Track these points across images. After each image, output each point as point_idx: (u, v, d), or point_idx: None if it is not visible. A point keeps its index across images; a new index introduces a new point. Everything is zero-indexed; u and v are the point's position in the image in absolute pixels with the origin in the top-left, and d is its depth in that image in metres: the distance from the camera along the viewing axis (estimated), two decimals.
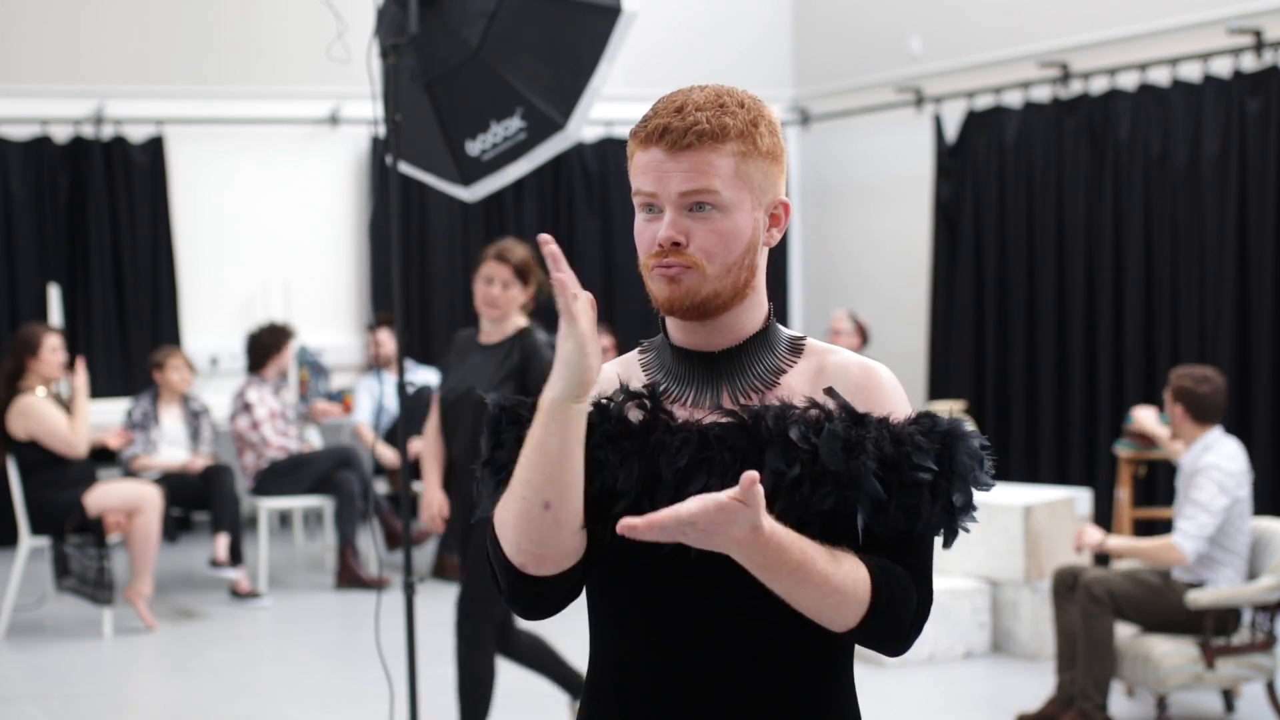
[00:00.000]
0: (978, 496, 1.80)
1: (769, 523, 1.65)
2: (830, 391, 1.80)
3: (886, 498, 1.73)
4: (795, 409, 1.78)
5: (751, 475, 1.60)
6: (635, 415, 1.83)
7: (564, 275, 1.69)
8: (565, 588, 1.83)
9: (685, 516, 1.61)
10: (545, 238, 1.70)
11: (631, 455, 1.80)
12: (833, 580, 1.69)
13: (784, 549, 1.66)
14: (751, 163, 1.81)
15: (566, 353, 1.70)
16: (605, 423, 1.82)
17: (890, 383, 1.83)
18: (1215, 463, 5.10)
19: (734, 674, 1.80)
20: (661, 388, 1.86)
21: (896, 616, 1.74)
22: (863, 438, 1.74)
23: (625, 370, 1.91)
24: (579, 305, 1.70)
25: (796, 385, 1.82)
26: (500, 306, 4.58)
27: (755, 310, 1.86)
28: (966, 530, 1.81)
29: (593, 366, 1.70)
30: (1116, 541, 5.22)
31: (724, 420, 1.79)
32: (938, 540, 1.80)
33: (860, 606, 1.71)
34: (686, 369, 1.85)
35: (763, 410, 1.78)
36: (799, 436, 1.74)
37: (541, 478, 1.74)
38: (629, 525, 1.61)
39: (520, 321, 4.61)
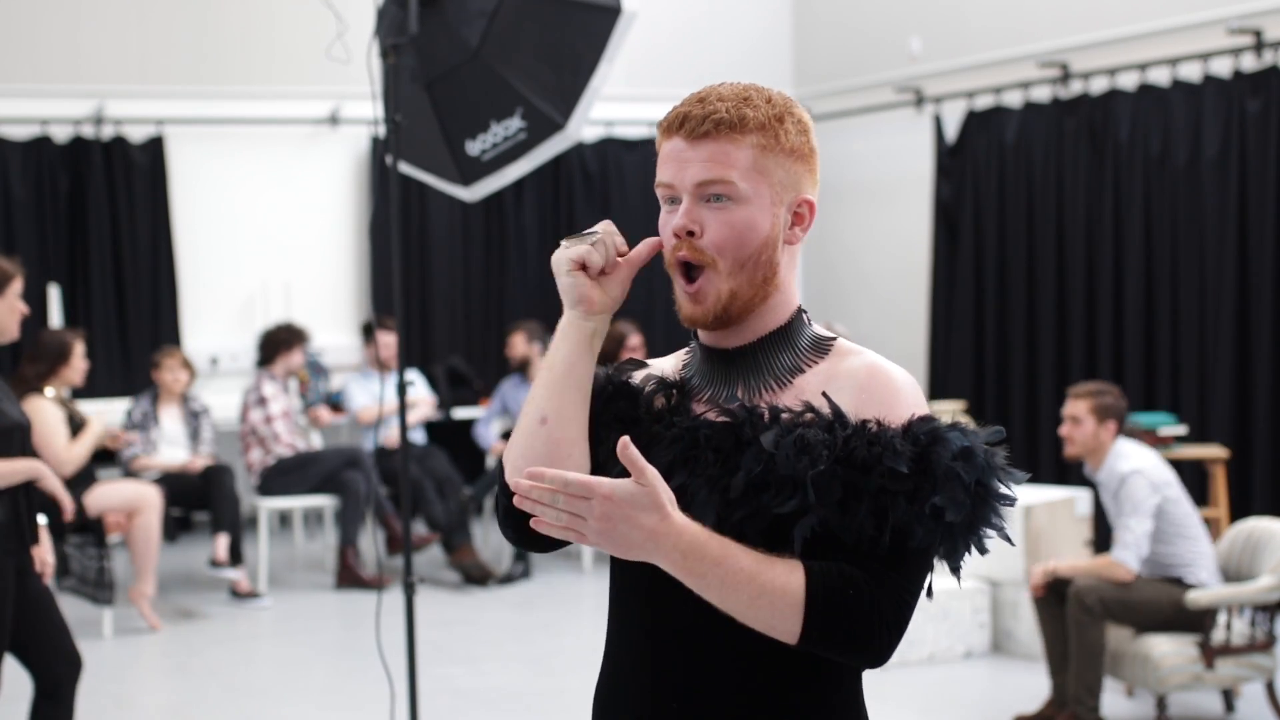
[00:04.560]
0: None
1: (678, 513, 1.66)
2: (825, 395, 1.78)
3: (854, 503, 1.69)
4: (788, 411, 1.77)
5: (623, 439, 1.64)
6: (659, 404, 1.86)
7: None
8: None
9: (577, 484, 1.63)
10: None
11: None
12: (759, 579, 1.67)
13: (700, 542, 1.66)
14: (772, 157, 1.80)
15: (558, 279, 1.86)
16: (621, 402, 1.86)
17: (899, 385, 1.78)
18: (1137, 467, 5.15)
19: (728, 679, 1.79)
20: (689, 383, 1.88)
21: (847, 621, 1.68)
22: (820, 441, 1.71)
23: (674, 364, 1.95)
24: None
25: (811, 386, 1.81)
26: None
27: (778, 309, 1.85)
28: (983, 549, 1.76)
29: (574, 284, 1.84)
30: (1065, 565, 5.24)
31: (718, 419, 1.80)
32: (943, 555, 1.76)
33: (795, 608, 1.68)
34: (709, 366, 1.87)
35: (755, 412, 1.78)
36: (770, 442, 1.73)
37: (544, 391, 1.83)
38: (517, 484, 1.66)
39: None
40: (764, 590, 1.67)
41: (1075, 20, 8.25)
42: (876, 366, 1.80)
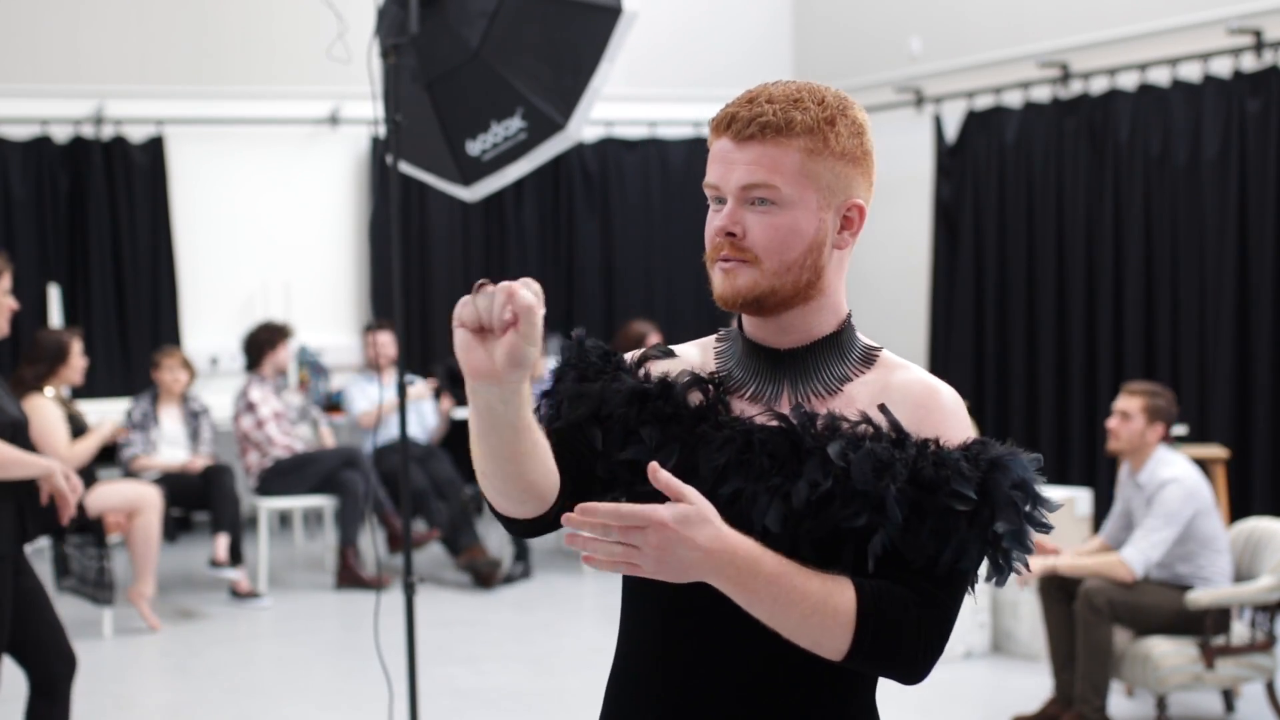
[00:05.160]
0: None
1: (729, 530, 1.64)
2: (883, 409, 1.76)
3: (916, 522, 1.69)
4: (845, 421, 1.75)
5: (652, 465, 1.61)
6: (695, 399, 1.82)
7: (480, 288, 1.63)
8: (531, 527, 1.80)
9: (631, 515, 1.58)
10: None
11: (673, 440, 1.79)
12: (813, 597, 1.66)
13: (755, 558, 1.65)
14: (820, 161, 1.77)
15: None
16: (659, 400, 1.81)
17: (951, 405, 1.78)
18: (1177, 476, 5.11)
19: (742, 681, 1.79)
20: (726, 375, 1.84)
21: (894, 641, 1.69)
22: (895, 459, 1.71)
23: (702, 354, 1.90)
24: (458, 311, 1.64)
25: (859, 396, 1.79)
26: None
27: (827, 313, 1.82)
28: (1018, 570, 1.76)
29: (456, 343, 1.62)
30: (1066, 562, 5.19)
31: (772, 424, 1.77)
32: (985, 575, 1.77)
33: (846, 626, 1.67)
34: (753, 362, 1.84)
35: (811, 419, 1.76)
36: (837, 454, 1.72)
37: (471, 435, 1.71)
38: (580, 509, 1.60)
39: None
40: (817, 609, 1.66)
41: (1075, 20, 8.25)
42: (930, 385, 1.80)
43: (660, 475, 1.61)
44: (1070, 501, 6.29)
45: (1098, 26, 8.09)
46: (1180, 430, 6.69)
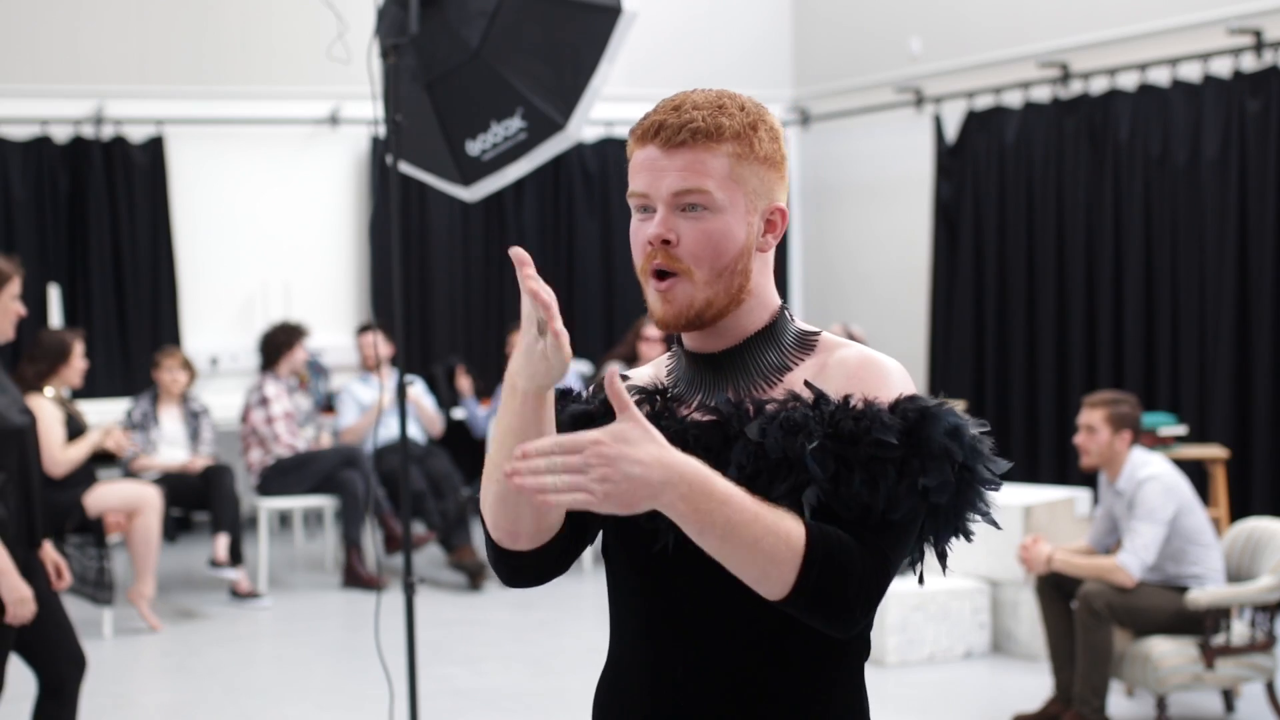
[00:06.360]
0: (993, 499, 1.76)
1: (675, 450, 1.63)
2: (808, 383, 1.78)
3: (845, 474, 1.69)
4: (774, 403, 1.77)
5: (611, 371, 1.63)
6: (643, 410, 1.83)
7: (532, 283, 1.72)
8: (543, 562, 1.84)
9: (566, 443, 1.59)
10: (516, 252, 1.73)
11: None
12: (763, 521, 1.63)
13: (705, 477, 1.63)
14: (747, 166, 1.80)
15: (541, 347, 1.72)
16: (603, 419, 1.83)
17: (889, 372, 1.78)
18: (1154, 474, 5.12)
19: (727, 676, 1.79)
20: (675, 390, 1.87)
21: (836, 578, 1.66)
22: (810, 419, 1.72)
23: (655, 371, 1.93)
24: (543, 303, 1.72)
25: (800, 382, 1.81)
26: None
27: (756, 311, 1.85)
28: (962, 535, 1.76)
29: (566, 360, 1.72)
30: (1062, 559, 5.18)
31: (705, 419, 1.80)
32: (933, 530, 1.77)
33: (794, 559, 1.64)
34: (695, 372, 1.87)
35: (740, 406, 1.78)
36: (756, 432, 1.73)
37: (500, 444, 1.77)
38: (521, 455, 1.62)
39: None
40: (768, 532, 1.64)
41: (1075, 20, 8.25)
42: (866, 355, 1.81)
43: (615, 385, 1.62)
44: (1070, 501, 6.29)
45: (1098, 26, 8.10)
46: (1180, 430, 6.69)
